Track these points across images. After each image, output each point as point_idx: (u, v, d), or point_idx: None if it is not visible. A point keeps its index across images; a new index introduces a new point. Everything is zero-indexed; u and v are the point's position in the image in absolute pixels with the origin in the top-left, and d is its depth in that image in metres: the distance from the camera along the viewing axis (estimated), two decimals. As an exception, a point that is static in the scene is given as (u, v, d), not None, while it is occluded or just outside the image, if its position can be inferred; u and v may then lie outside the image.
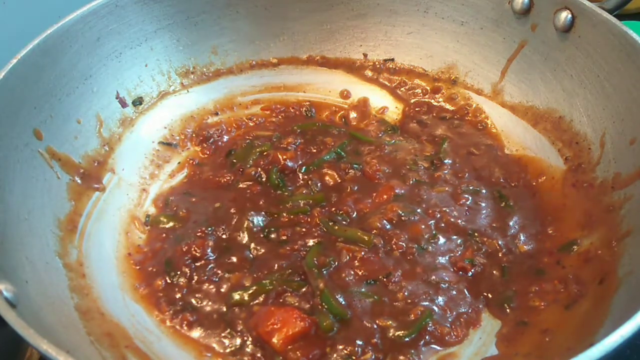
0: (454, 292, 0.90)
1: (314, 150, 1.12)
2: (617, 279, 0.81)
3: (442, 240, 0.96)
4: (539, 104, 1.10)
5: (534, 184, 1.05)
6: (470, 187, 1.04)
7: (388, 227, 0.97)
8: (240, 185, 1.07)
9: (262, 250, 0.96)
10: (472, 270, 0.93)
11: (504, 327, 0.87)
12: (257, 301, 0.89)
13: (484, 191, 1.04)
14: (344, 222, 0.99)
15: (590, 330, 0.75)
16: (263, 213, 1.01)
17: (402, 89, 1.24)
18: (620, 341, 0.62)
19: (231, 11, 1.19)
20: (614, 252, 0.85)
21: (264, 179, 1.07)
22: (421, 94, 1.23)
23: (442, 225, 0.98)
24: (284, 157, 1.09)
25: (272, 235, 0.98)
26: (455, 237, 0.97)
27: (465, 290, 0.91)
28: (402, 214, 0.98)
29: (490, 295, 0.90)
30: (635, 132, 0.91)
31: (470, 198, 1.02)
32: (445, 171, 1.07)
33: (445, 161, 1.09)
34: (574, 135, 1.03)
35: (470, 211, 1.01)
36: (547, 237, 0.96)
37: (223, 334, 0.86)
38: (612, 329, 0.63)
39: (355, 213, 1.01)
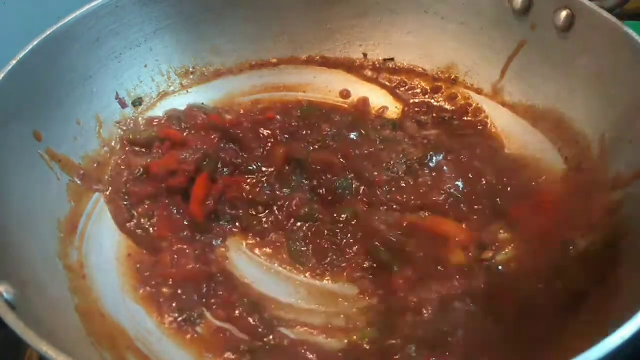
0: None
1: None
2: (617, 279, 0.81)
3: None
4: (539, 103, 1.10)
5: (534, 183, 1.04)
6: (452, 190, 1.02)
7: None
8: None
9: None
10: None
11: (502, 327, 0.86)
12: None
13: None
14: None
15: (590, 331, 0.75)
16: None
17: (402, 88, 1.24)
18: (620, 341, 0.62)
19: (231, 11, 1.19)
20: (614, 252, 0.85)
21: None
22: (421, 94, 1.23)
23: None
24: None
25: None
26: None
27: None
28: None
29: None
30: (636, 131, 0.91)
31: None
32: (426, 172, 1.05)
33: (431, 163, 1.07)
34: (574, 135, 1.03)
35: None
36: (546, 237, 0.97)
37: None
38: (612, 329, 0.63)
39: None
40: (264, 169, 1.05)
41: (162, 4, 1.12)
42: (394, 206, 0.99)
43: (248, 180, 1.03)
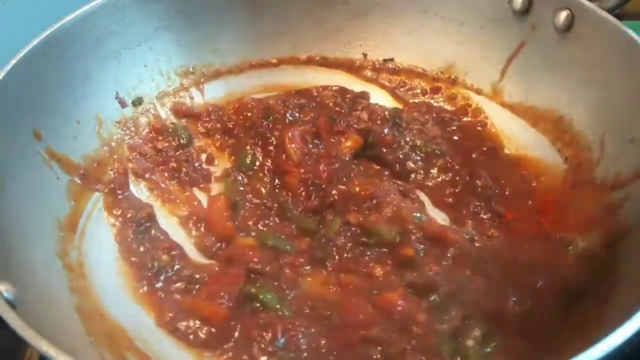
0: None
1: None
2: (617, 279, 0.81)
3: None
4: (539, 104, 1.10)
5: (534, 184, 1.04)
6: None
7: None
8: None
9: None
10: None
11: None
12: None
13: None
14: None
15: (591, 330, 0.75)
16: None
17: (402, 89, 1.24)
18: (621, 341, 0.62)
19: (231, 11, 1.19)
20: (614, 252, 0.85)
21: None
22: (420, 94, 1.23)
23: None
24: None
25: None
26: None
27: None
28: None
29: None
30: (635, 132, 0.91)
31: None
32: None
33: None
34: (574, 135, 1.03)
35: None
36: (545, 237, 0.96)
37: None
38: (612, 329, 0.63)
39: None
40: None
41: (162, 4, 1.12)
42: None
43: None
